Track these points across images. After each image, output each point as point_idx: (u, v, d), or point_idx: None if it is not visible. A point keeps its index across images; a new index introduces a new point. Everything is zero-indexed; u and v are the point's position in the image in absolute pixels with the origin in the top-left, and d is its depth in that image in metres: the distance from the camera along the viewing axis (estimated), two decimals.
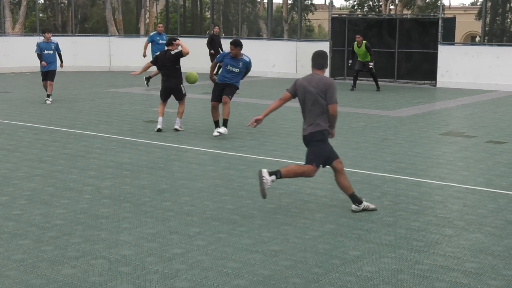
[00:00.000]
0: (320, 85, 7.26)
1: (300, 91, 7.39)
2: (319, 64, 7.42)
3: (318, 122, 7.32)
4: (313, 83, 7.30)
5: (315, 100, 7.29)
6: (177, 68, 12.56)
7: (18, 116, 14.16)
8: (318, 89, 7.26)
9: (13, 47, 25.16)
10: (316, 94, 7.27)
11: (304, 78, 7.49)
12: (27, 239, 6.34)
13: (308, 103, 7.35)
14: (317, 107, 7.30)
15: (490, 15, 36.48)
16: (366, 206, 7.42)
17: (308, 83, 7.34)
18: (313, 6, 48.07)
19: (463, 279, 5.47)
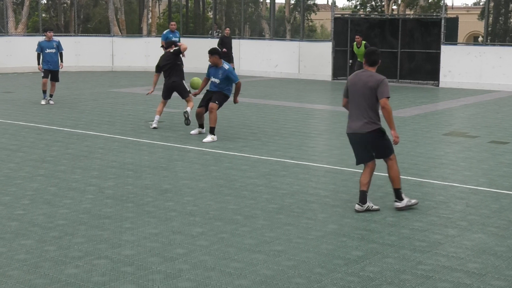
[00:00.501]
0: (371, 81, 7.38)
1: (351, 88, 7.52)
2: (371, 60, 7.54)
3: (372, 119, 7.43)
4: (363, 78, 7.45)
5: (364, 96, 7.40)
6: (178, 64, 12.70)
7: (20, 116, 14.18)
8: (368, 85, 7.38)
9: (16, 47, 25.19)
10: (365, 89, 7.39)
11: (354, 75, 7.64)
12: (30, 239, 6.35)
13: (358, 100, 7.45)
14: (366, 102, 7.40)
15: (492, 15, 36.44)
16: (369, 206, 7.43)
17: (359, 78, 7.50)
18: (316, 6, 48.04)
19: (466, 280, 5.46)
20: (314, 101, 17.89)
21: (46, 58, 16.15)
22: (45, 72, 16.23)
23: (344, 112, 15.37)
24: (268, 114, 14.95)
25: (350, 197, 7.97)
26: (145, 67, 26.48)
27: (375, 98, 7.35)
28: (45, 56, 16.15)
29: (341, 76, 24.13)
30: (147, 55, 26.62)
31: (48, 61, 16.16)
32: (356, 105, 7.45)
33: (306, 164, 9.78)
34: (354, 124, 7.49)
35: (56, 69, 16.30)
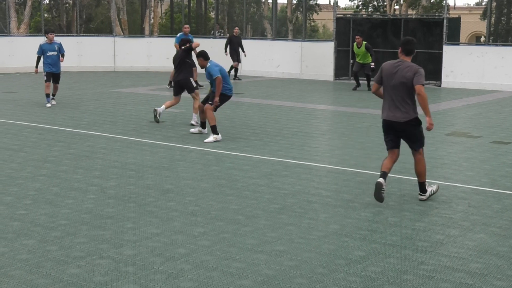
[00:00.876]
0: (409, 72, 7.57)
1: (388, 77, 7.67)
2: (407, 50, 7.72)
3: (410, 108, 7.64)
4: (401, 68, 7.61)
5: (403, 85, 7.58)
6: (187, 62, 12.93)
7: (23, 116, 14.19)
8: (406, 76, 7.56)
9: (18, 47, 25.21)
10: (404, 79, 7.56)
11: (390, 63, 7.78)
12: (32, 239, 6.35)
13: (394, 88, 7.63)
14: (404, 91, 7.59)
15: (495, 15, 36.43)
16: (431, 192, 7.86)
17: (396, 68, 7.65)
18: (318, 6, 48.01)
19: (468, 280, 5.46)
20: (316, 101, 17.88)
21: (48, 60, 15.76)
22: (47, 75, 15.84)
23: (347, 112, 15.40)
24: (270, 114, 14.94)
25: (352, 197, 7.96)
26: (147, 67, 26.50)
27: (412, 87, 7.56)
28: (46, 59, 15.77)
29: (343, 76, 24.12)
30: (149, 55, 26.64)
31: (49, 64, 15.78)
32: (394, 95, 7.65)
33: (308, 164, 9.78)
34: (391, 113, 7.70)
35: (57, 71, 15.98)
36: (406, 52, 7.72)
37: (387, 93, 7.74)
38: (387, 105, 7.76)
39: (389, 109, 7.72)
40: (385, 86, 7.76)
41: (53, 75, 15.93)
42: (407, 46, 7.73)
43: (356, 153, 10.63)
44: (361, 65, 20.35)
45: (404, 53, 7.73)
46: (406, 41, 7.80)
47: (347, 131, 12.85)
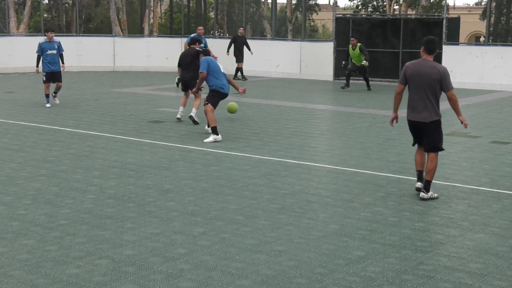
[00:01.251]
0: (435, 73, 7.69)
1: (414, 77, 7.78)
2: (429, 49, 7.84)
3: (435, 109, 7.81)
4: (426, 69, 7.72)
5: (429, 86, 7.70)
6: (196, 63, 12.95)
7: (22, 116, 14.19)
8: (432, 77, 7.69)
9: (17, 47, 25.20)
10: (430, 80, 7.68)
11: (414, 63, 7.88)
12: (32, 239, 6.35)
13: (420, 89, 7.75)
14: (431, 92, 7.75)
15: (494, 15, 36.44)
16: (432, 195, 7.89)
17: (421, 68, 7.75)
18: (317, 6, 48.03)
19: (467, 280, 5.46)
20: (316, 101, 17.88)
21: (47, 59, 15.62)
22: (47, 75, 15.62)
23: (346, 112, 15.40)
24: (269, 114, 14.94)
25: (352, 197, 7.97)
26: (147, 67, 26.50)
27: (438, 89, 7.72)
28: (46, 58, 15.62)
29: (343, 76, 24.06)
30: (149, 55, 26.64)
31: (49, 62, 15.62)
32: (420, 95, 7.78)
33: (308, 164, 9.78)
34: (417, 113, 7.86)
35: (57, 70, 15.77)
36: (429, 51, 7.85)
37: (413, 93, 7.88)
38: (412, 106, 7.92)
39: (414, 110, 7.89)
40: (410, 87, 7.89)
41: (53, 74, 15.72)
42: (429, 45, 7.85)
43: (356, 153, 10.64)
44: (356, 66, 20.28)
45: (426, 52, 7.85)
46: (429, 40, 7.93)
47: (346, 131, 12.86)
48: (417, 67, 7.81)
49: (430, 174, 7.82)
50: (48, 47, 15.70)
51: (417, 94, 7.80)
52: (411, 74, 7.82)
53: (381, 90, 20.78)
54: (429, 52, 7.84)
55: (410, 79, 7.84)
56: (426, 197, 7.83)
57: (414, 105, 7.87)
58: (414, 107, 7.88)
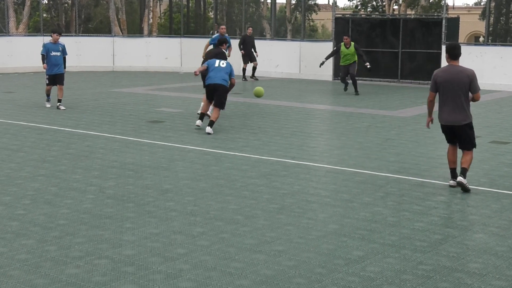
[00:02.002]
0: (465, 77, 8.14)
1: (445, 83, 8.14)
2: (454, 54, 8.21)
3: (466, 112, 8.26)
4: (455, 75, 8.12)
5: (460, 91, 8.12)
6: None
7: (22, 116, 14.18)
8: (462, 80, 8.09)
9: (17, 47, 25.19)
10: (461, 85, 8.09)
11: (443, 70, 8.28)
12: (31, 239, 6.35)
13: (452, 94, 8.14)
14: (462, 97, 8.17)
15: (494, 15, 36.44)
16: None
17: (451, 74, 8.14)
18: (317, 6, 48.01)
19: (466, 280, 5.46)
20: (315, 101, 17.88)
21: (51, 61, 15.27)
22: (50, 78, 15.32)
23: (346, 112, 15.40)
24: (269, 114, 14.94)
25: (351, 197, 7.97)
26: (146, 67, 26.49)
27: (468, 92, 8.13)
28: (50, 59, 15.27)
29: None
30: (148, 55, 26.63)
31: (53, 64, 15.28)
32: (452, 100, 8.17)
33: (307, 164, 9.78)
34: (451, 116, 8.26)
35: (60, 72, 15.38)
36: (454, 57, 8.21)
37: (447, 98, 8.21)
38: (446, 110, 8.26)
39: (449, 114, 8.24)
40: (442, 93, 8.23)
41: (56, 76, 15.36)
42: (454, 51, 8.23)
43: (355, 153, 10.64)
44: (347, 68, 19.49)
45: (452, 58, 8.22)
46: (453, 47, 8.29)
47: (346, 131, 12.86)
48: (446, 75, 8.19)
49: (467, 163, 8.31)
50: (53, 49, 15.33)
51: (449, 99, 8.21)
52: (441, 82, 8.20)
53: (381, 90, 20.78)
54: (454, 57, 8.24)
55: (441, 86, 8.22)
56: (464, 182, 8.17)
57: (447, 109, 8.27)
58: (447, 112, 8.27)
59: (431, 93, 8.40)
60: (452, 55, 8.24)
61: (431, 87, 8.38)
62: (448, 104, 8.24)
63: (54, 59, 15.30)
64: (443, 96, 8.28)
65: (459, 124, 8.30)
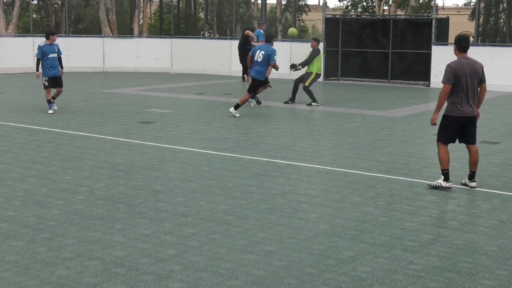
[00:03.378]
0: (477, 67, 8.26)
1: (462, 75, 8.15)
2: (463, 46, 8.26)
3: (475, 103, 8.36)
4: (471, 65, 8.19)
5: (476, 82, 8.23)
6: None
7: (11, 117, 14.13)
8: (477, 71, 8.21)
9: (6, 48, 25.10)
10: (477, 76, 8.21)
11: (458, 62, 8.24)
12: (21, 240, 6.32)
13: (470, 85, 8.20)
14: (476, 88, 8.30)
15: (483, 16, 36.59)
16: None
17: (467, 66, 8.17)
18: (307, 7, 48.10)
19: (457, 279, 5.48)
20: (306, 101, 17.89)
21: (49, 63, 14.70)
22: (49, 81, 14.74)
23: (336, 113, 15.42)
24: (259, 115, 14.95)
25: (342, 197, 7.98)
26: (136, 68, 26.45)
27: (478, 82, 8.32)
28: (47, 62, 14.69)
29: (333, 77, 24.14)
30: (138, 55, 26.59)
31: (51, 66, 14.72)
32: (469, 91, 8.24)
33: (298, 164, 9.79)
34: (468, 108, 8.28)
35: (59, 74, 14.91)
36: (463, 49, 8.25)
37: (463, 90, 8.23)
38: (461, 102, 8.26)
39: (465, 106, 8.26)
40: (459, 85, 8.22)
41: (55, 78, 14.83)
42: (463, 43, 8.27)
43: (346, 153, 10.65)
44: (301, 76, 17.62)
45: (463, 50, 8.26)
46: (462, 39, 8.35)
47: (336, 131, 12.88)
48: (465, 67, 8.19)
49: (476, 165, 8.45)
50: (49, 50, 14.77)
51: (467, 90, 8.23)
52: (459, 74, 8.17)
53: (371, 91, 20.83)
54: (463, 50, 8.28)
55: (458, 78, 8.18)
56: (475, 185, 8.44)
57: (465, 101, 8.26)
58: (465, 103, 8.27)
59: (448, 85, 8.25)
60: (460, 47, 8.25)
61: (448, 79, 8.21)
62: (466, 96, 8.23)
63: (52, 61, 14.74)
64: (460, 88, 8.21)
65: (473, 115, 8.33)
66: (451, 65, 8.25)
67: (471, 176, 8.50)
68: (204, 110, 15.90)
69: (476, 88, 8.34)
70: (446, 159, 8.40)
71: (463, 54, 8.30)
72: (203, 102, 17.35)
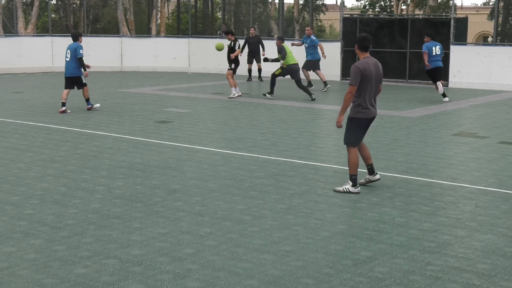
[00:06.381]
0: (379, 68, 8.20)
1: (369, 76, 8.01)
2: (366, 46, 8.14)
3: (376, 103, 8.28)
4: (375, 66, 8.09)
5: (378, 82, 8.16)
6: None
7: (30, 116, 14.23)
8: (380, 71, 8.17)
9: (25, 48, 25.28)
10: (380, 76, 8.15)
11: (365, 63, 8.08)
12: (39, 238, 6.37)
13: (373, 85, 8.10)
14: (377, 88, 8.22)
15: (502, 15, 36.32)
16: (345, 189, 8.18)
17: (373, 66, 8.06)
18: (324, 6, 47.97)
19: (475, 280, 5.44)
20: (323, 101, 17.86)
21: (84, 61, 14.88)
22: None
23: None
24: (276, 114, 14.94)
25: (359, 197, 7.95)
26: (154, 67, 26.53)
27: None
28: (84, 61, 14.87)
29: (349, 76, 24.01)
30: (156, 55, 26.66)
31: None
32: (372, 91, 8.13)
33: (315, 164, 9.77)
34: (373, 109, 8.20)
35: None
36: (365, 49, 8.11)
37: (369, 91, 8.10)
38: (368, 103, 8.13)
39: (371, 106, 8.16)
40: (365, 86, 8.05)
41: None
42: (364, 43, 8.13)
43: None
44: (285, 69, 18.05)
45: (364, 50, 8.13)
46: (363, 38, 8.23)
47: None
48: (369, 66, 8.04)
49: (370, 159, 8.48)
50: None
51: (371, 91, 8.09)
52: (367, 75, 8.00)
53: (389, 91, 20.74)
54: (366, 49, 8.12)
55: (366, 79, 8.01)
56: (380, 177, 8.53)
57: (370, 102, 8.13)
58: (370, 105, 8.14)
59: (355, 87, 7.94)
60: (362, 47, 8.08)
61: (355, 80, 7.93)
62: (371, 96, 8.08)
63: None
64: (366, 89, 8.02)
65: (376, 115, 8.32)
66: (358, 66, 7.98)
67: (372, 170, 8.45)
68: (221, 109, 15.92)
69: (377, 89, 8.21)
70: (357, 164, 8.17)
71: (365, 53, 8.09)
72: (220, 101, 17.37)
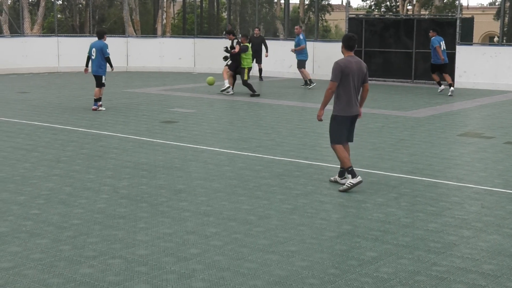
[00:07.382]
0: (362, 67, 8.27)
1: (349, 73, 8.12)
2: (352, 46, 8.24)
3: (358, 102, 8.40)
4: (357, 65, 8.18)
5: (359, 80, 8.22)
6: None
7: (36, 117, 14.26)
8: (363, 70, 8.23)
9: (31, 48, 25.33)
10: (362, 75, 8.21)
11: (346, 60, 8.19)
12: (45, 238, 6.39)
13: (356, 84, 8.20)
14: (359, 87, 8.32)
15: (508, 15, 36.19)
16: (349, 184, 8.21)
17: (353, 64, 8.15)
18: (330, 7, 47.95)
19: (481, 281, 5.43)
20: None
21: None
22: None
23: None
24: (282, 115, 14.94)
25: (364, 197, 7.95)
26: (160, 68, 26.56)
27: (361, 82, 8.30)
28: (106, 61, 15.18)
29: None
30: (162, 55, 26.69)
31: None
32: (354, 89, 8.25)
33: (320, 164, 9.77)
34: (354, 107, 8.32)
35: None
36: (350, 48, 8.27)
37: (350, 88, 8.24)
38: (349, 101, 8.28)
39: (352, 105, 8.29)
40: (345, 83, 8.19)
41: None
42: (350, 43, 8.25)
43: (368, 153, 10.61)
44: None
45: (349, 49, 8.26)
46: (349, 38, 8.34)
47: (359, 131, 12.79)
48: (350, 64, 8.15)
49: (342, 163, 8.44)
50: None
51: (352, 88, 8.21)
52: (348, 72, 8.12)
53: (394, 91, 20.72)
54: (351, 49, 8.25)
55: (347, 76, 8.13)
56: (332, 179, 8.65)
57: (350, 99, 8.25)
58: (350, 102, 8.27)
59: (335, 83, 8.14)
60: (347, 46, 8.21)
61: (336, 78, 8.10)
62: (351, 94, 8.19)
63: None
64: (346, 87, 8.17)
65: (357, 113, 8.42)
66: (339, 63, 8.15)
67: (343, 173, 8.48)
68: (226, 110, 15.93)
69: (359, 87, 8.31)
70: (347, 157, 8.31)
71: (350, 52, 8.26)
72: (225, 102, 17.38)
